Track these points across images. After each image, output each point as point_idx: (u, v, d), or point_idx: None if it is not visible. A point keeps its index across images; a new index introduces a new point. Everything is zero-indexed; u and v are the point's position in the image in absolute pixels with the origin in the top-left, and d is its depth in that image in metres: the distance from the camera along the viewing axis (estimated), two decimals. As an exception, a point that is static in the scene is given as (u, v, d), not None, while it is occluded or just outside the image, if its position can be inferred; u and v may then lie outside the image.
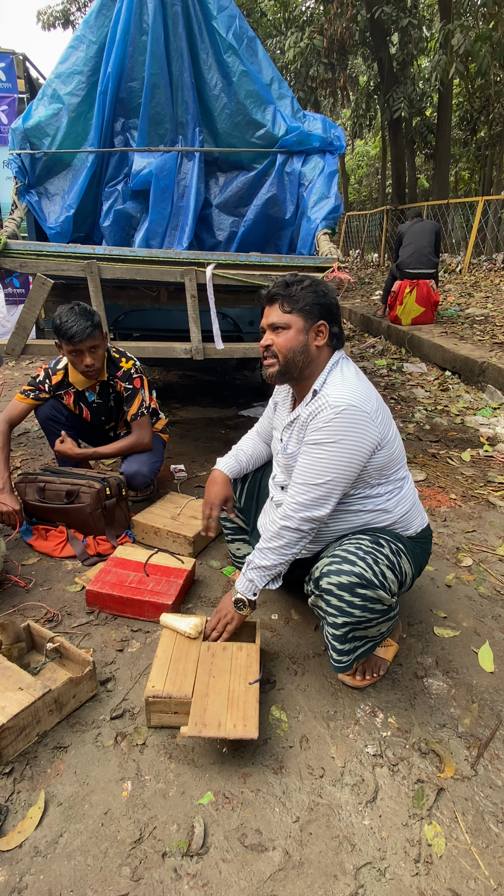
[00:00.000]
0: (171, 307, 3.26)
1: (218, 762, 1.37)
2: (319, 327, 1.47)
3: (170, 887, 1.10)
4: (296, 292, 1.45)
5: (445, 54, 8.28)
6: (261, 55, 3.17)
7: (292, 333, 1.45)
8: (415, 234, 6.08)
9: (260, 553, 1.52)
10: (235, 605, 1.57)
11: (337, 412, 1.37)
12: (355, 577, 1.36)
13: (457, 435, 3.69)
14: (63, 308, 2.20)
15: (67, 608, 1.92)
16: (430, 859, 1.17)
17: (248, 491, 1.88)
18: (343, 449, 1.39)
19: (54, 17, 13.24)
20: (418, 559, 1.57)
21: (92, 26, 3.04)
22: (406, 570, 1.48)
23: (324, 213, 3.02)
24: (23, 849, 1.17)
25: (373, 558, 1.40)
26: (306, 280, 1.48)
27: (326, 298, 1.47)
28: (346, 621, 1.40)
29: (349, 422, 1.38)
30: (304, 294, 1.45)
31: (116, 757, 1.37)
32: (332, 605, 1.40)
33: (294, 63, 10.35)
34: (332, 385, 1.45)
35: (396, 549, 1.47)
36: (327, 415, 1.38)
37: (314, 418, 1.42)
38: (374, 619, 1.41)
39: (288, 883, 1.12)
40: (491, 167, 15.42)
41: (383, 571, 1.39)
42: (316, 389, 1.48)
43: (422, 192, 16.76)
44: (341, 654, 1.47)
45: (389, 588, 1.40)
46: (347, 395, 1.39)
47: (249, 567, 1.54)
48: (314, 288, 1.47)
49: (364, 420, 1.39)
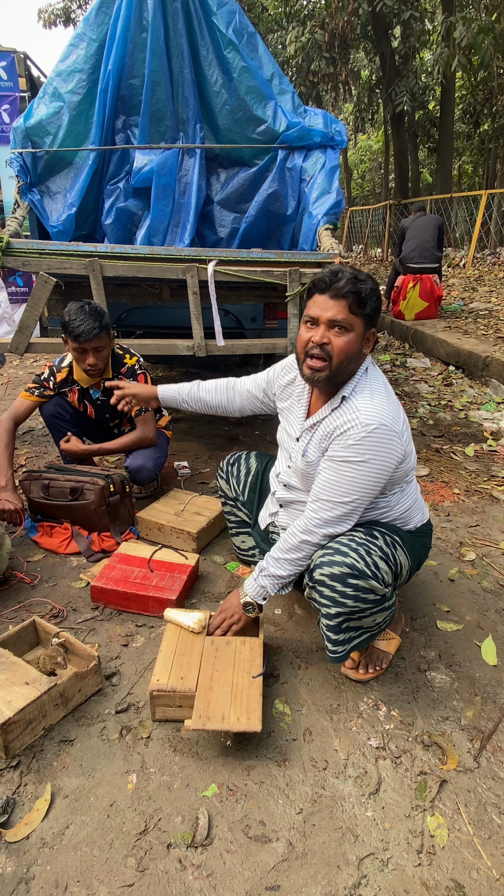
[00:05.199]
0: (174, 304, 3.26)
1: (222, 755, 1.38)
2: (370, 334, 1.43)
3: (174, 878, 1.12)
4: (365, 292, 1.36)
5: (448, 47, 8.23)
6: (261, 51, 3.16)
7: (353, 338, 1.38)
8: (418, 228, 6.06)
9: (275, 562, 1.51)
10: (244, 607, 1.58)
11: (368, 431, 1.35)
12: (347, 568, 1.36)
13: (460, 430, 3.68)
14: (73, 305, 2.21)
15: (72, 604, 1.93)
16: (432, 850, 1.18)
17: (250, 485, 1.89)
18: (371, 468, 1.38)
19: (55, 15, 13.25)
20: (417, 553, 1.58)
21: (92, 24, 3.04)
22: (402, 562, 1.49)
23: (325, 209, 3.01)
24: (30, 840, 1.18)
25: (365, 549, 1.40)
26: (369, 279, 1.39)
27: (379, 301, 1.43)
28: (339, 611, 1.40)
29: (379, 441, 1.36)
30: (370, 297, 1.38)
31: (122, 750, 1.39)
32: (324, 595, 1.40)
33: (295, 58, 10.32)
34: (361, 397, 1.41)
35: (391, 541, 1.48)
36: (358, 433, 1.36)
37: (342, 434, 1.39)
38: (367, 609, 1.42)
39: (291, 873, 1.13)
40: (495, 160, 15.32)
41: (376, 562, 1.40)
42: (345, 396, 1.44)
43: (425, 186, 16.69)
44: (336, 644, 1.47)
45: (382, 578, 1.40)
46: (379, 413, 1.37)
47: (262, 574, 1.54)
48: (377, 291, 1.41)
49: (393, 439, 1.37)
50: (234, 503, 1.97)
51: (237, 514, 1.99)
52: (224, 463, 1.98)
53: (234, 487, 1.94)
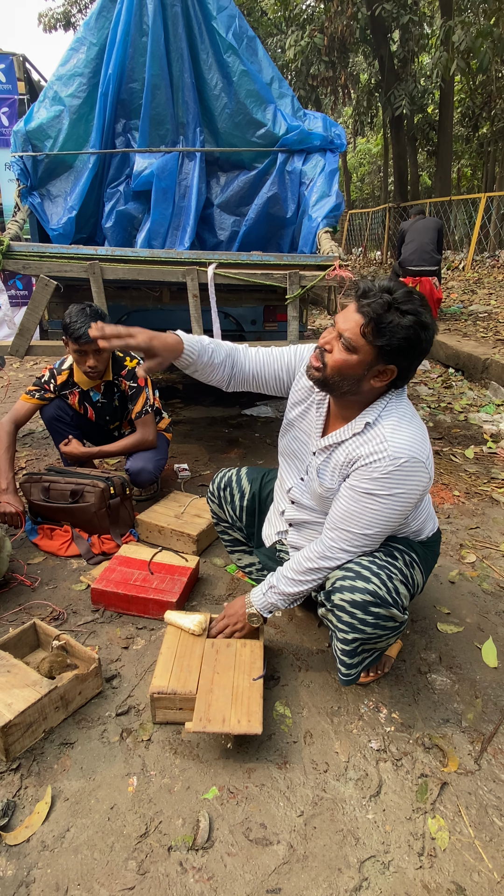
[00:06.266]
0: (174, 307, 3.27)
1: (223, 757, 1.38)
2: (386, 370, 1.29)
3: (175, 881, 1.12)
4: (388, 325, 1.21)
5: (446, 51, 8.27)
6: (261, 54, 3.18)
7: (354, 360, 1.27)
8: (417, 231, 6.07)
9: (288, 581, 1.48)
10: (249, 618, 1.57)
11: (397, 465, 1.28)
12: (369, 595, 1.30)
13: (460, 432, 3.69)
14: (74, 307, 2.22)
15: (73, 606, 1.93)
16: (433, 853, 1.18)
17: (247, 510, 1.84)
18: (397, 502, 1.32)
19: (55, 19, 13.30)
20: (429, 564, 1.56)
21: (92, 28, 3.06)
22: (418, 582, 1.47)
23: (325, 212, 3.03)
24: (30, 843, 1.18)
25: (387, 573, 1.35)
26: (410, 313, 1.21)
27: (416, 343, 1.24)
28: (356, 637, 1.36)
29: (408, 475, 1.29)
30: (396, 331, 1.21)
31: (122, 753, 1.39)
32: (343, 621, 1.35)
33: (295, 62, 10.36)
34: (388, 426, 1.32)
35: (410, 561, 1.44)
36: (386, 466, 1.28)
37: (368, 465, 1.31)
38: (384, 636, 1.38)
39: (292, 876, 1.13)
40: (493, 163, 15.38)
41: (397, 588, 1.35)
42: (370, 423, 1.35)
43: (424, 189, 16.73)
44: (349, 667, 1.43)
45: (402, 604, 1.36)
46: (408, 445, 1.28)
47: (273, 590, 1.50)
48: (414, 330, 1.22)
49: (421, 471, 1.31)
50: (228, 525, 1.93)
51: (231, 534, 1.95)
52: (214, 487, 1.87)
53: (230, 513, 1.87)
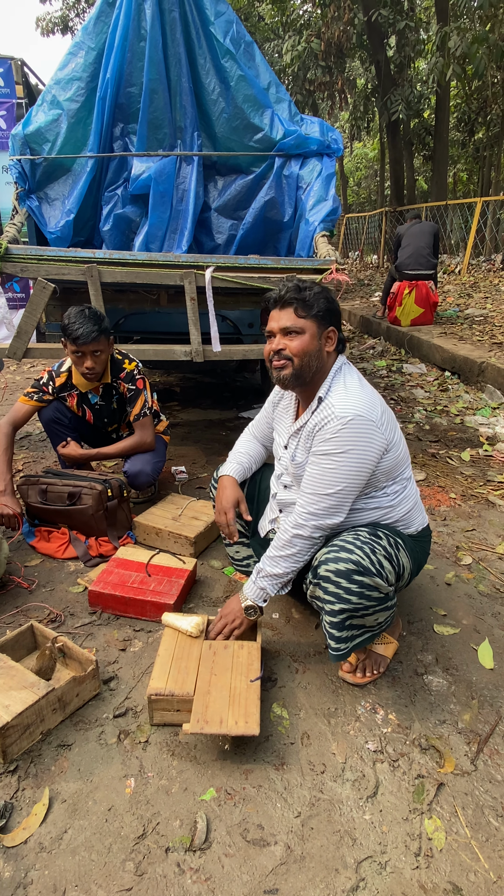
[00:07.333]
0: (172, 310, 3.28)
1: (220, 759, 1.38)
2: (329, 333, 1.49)
3: (173, 882, 1.12)
4: (309, 298, 1.45)
5: (443, 56, 8.33)
6: (258, 59, 3.20)
7: (307, 338, 1.46)
8: (413, 235, 6.10)
9: (271, 561, 1.54)
10: (246, 611, 1.59)
11: (344, 423, 1.40)
12: (352, 564, 1.38)
13: (456, 435, 3.70)
14: (73, 309, 2.24)
15: (70, 609, 1.93)
16: (430, 853, 1.19)
17: (246, 496, 1.87)
18: (352, 458, 1.41)
19: (53, 24, 13.35)
20: (418, 557, 1.59)
21: (91, 33, 3.07)
22: (404, 564, 1.50)
23: (322, 216, 3.04)
24: (28, 845, 1.18)
25: (370, 548, 1.42)
26: (315, 286, 1.49)
27: (334, 304, 1.50)
28: (343, 608, 1.41)
29: (356, 432, 1.40)
30: (317, 300, 1.46)
31: (120, 754, 1.39)
32: (329, 591, 1.41)
33: (292, 66, 10.42)
34: (336, 394, 1.47)
35: (394, 542, 1.49)
36: (334, 426, 1.41)
37: (321, 429, 1.44)
38: (370, 607, 1.43)
39: (290, 877, 1.13)
40: (489, 168, 15.45)
41: (380, 561, 1.42)
42: (321, 397, 1.50)
43: (420, 194, 16.81)
44: (339, 641, 1.47)
45: (386, 577, 1.42)
46: (353, 404, 1.42)
47: (260, 575, 1.56)
48: (325, 294, 1.49)
49: (370, 428, 1.41)
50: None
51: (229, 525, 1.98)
52: (217, 474, 1.93)
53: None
